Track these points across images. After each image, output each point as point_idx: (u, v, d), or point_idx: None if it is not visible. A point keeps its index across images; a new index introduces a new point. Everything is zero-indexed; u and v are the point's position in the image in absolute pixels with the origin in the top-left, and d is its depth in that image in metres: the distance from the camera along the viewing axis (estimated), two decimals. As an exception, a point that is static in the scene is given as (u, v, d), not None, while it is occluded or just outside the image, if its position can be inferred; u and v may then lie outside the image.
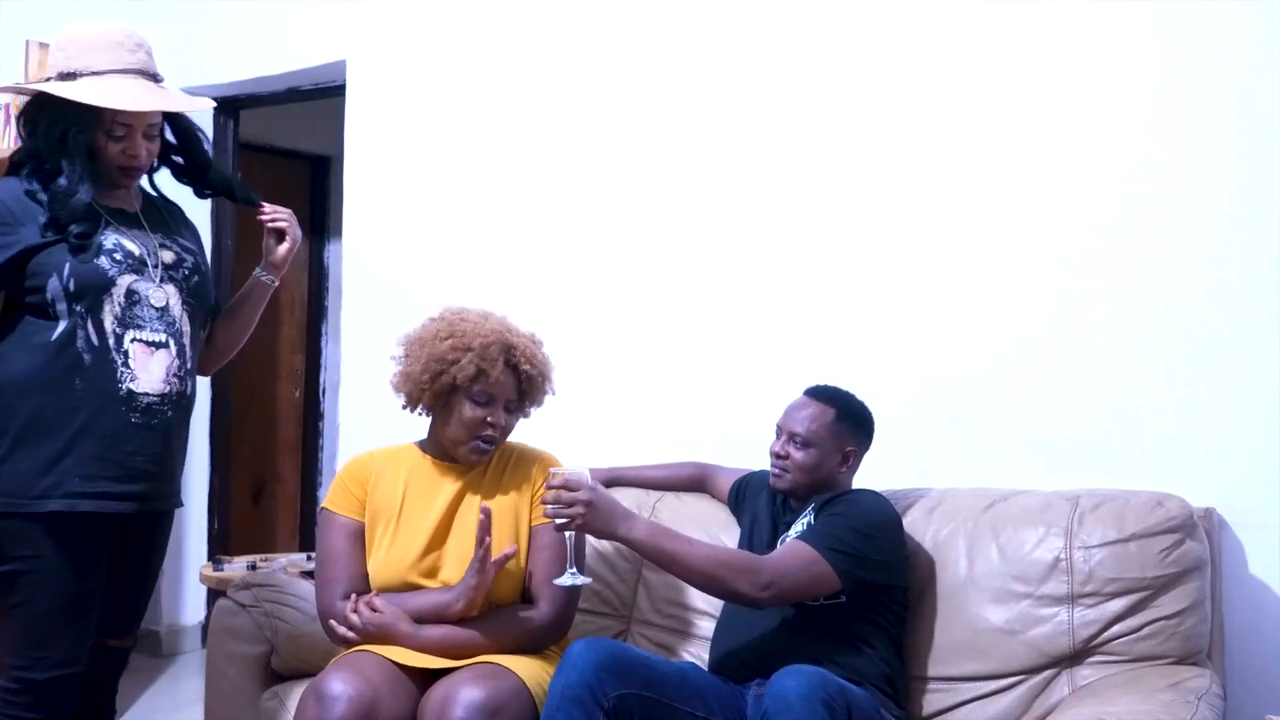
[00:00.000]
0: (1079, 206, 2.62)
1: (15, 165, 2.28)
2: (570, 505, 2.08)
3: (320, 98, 4.25)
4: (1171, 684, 2.03)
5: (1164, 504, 2.24)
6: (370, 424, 3.72)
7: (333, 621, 2.26)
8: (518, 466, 2.39)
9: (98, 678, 2.38)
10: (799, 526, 2.35)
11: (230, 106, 4.49)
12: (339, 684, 2.04)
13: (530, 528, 2.34)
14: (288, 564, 3.47)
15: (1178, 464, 2.46)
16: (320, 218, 5.77)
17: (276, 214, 2.49)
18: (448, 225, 3.63)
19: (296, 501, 5.80)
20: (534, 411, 2.41)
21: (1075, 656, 2.22)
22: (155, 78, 2.29)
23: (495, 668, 2.11)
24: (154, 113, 2.27)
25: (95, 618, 2.26)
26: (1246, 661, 2.38)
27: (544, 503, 2.11)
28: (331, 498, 2.39)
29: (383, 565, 2.30)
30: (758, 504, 2.54)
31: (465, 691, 2.02)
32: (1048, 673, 2.24)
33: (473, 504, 2.33)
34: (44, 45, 3.47)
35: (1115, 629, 2.19)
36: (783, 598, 2.16)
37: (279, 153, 5.52)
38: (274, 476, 5.71)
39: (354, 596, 2.26)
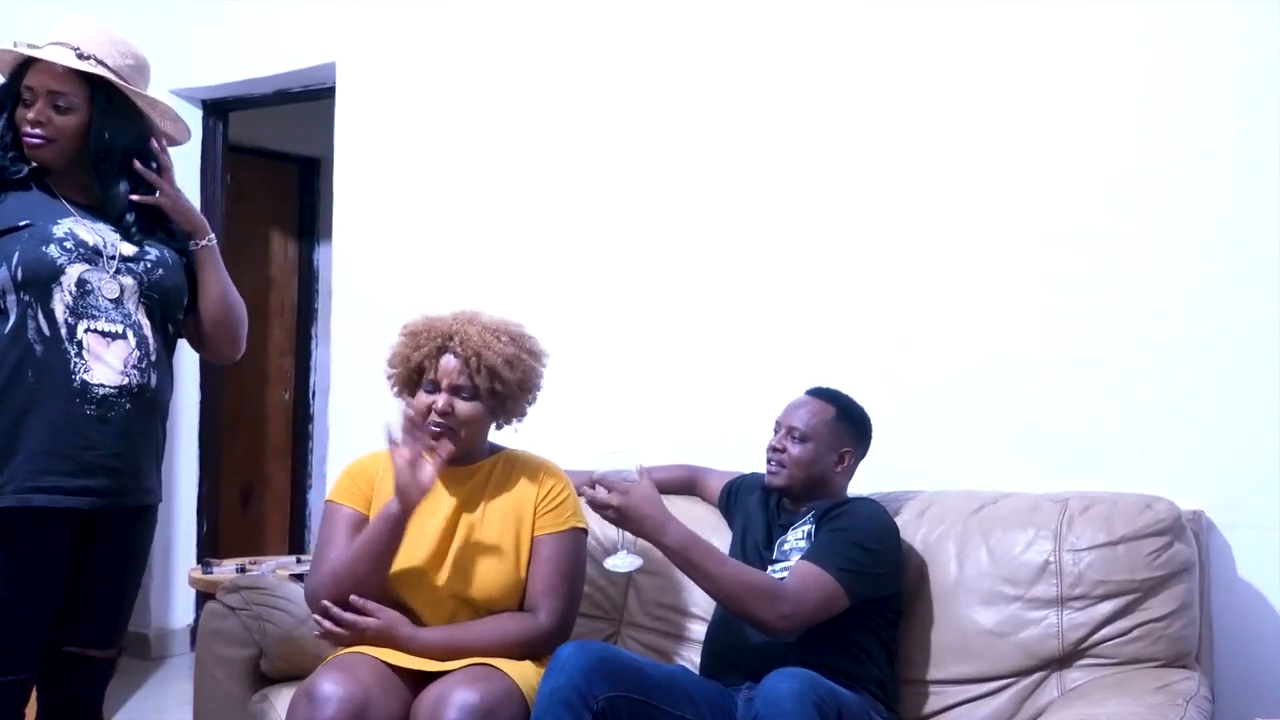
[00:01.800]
0: (1070, 209, 2.63)
1: None
2: (604, 506, 2.11)
3: (310, 100, 4.25)
4: (1160, 686, 2.03)
5: (1152, 506, 2.25)
6: (360, 427, 3.70)
7: (315, 617, 2.23)
8: (521, 476, 2.38)
9: (79, 690, 2.29)
10: (797, 535, 2.34)
11: (219, 108, 4.49)
12: (330, 685, 2.03)
13: (532, 538, 2.33)
14: (277, 567, 3.46)
15: (1166, 466, 2.47)
16: (310, 220, 5.75)
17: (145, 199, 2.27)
18: (438, 227, 3.63)
19: (286, 504, 5.78)
20: (515, 404, 2.36)
21: (1064, 659, 2.23)
22: (80, 54, 2.18)
23: (488, 670, 2.11)
24: (61, 82, 2.16)
25: (48, 623, 2.18)
26: (1235, 664, 2.38)
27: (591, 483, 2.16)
28: (337, 490, 2.38)
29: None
30: (749, 506, 2.54)
31: (458, 694, 2.01)
32: (1037, 675, 2.24)
33: (475, 513, 2.33)
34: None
35: (1104, 631, 2.20)
36: (800, 626, 2.15)
37: (268, 155, 5.51)
38: (263, 479, 5.69)
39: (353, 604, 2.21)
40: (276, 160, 5.61)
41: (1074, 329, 2.61)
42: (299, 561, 3.59)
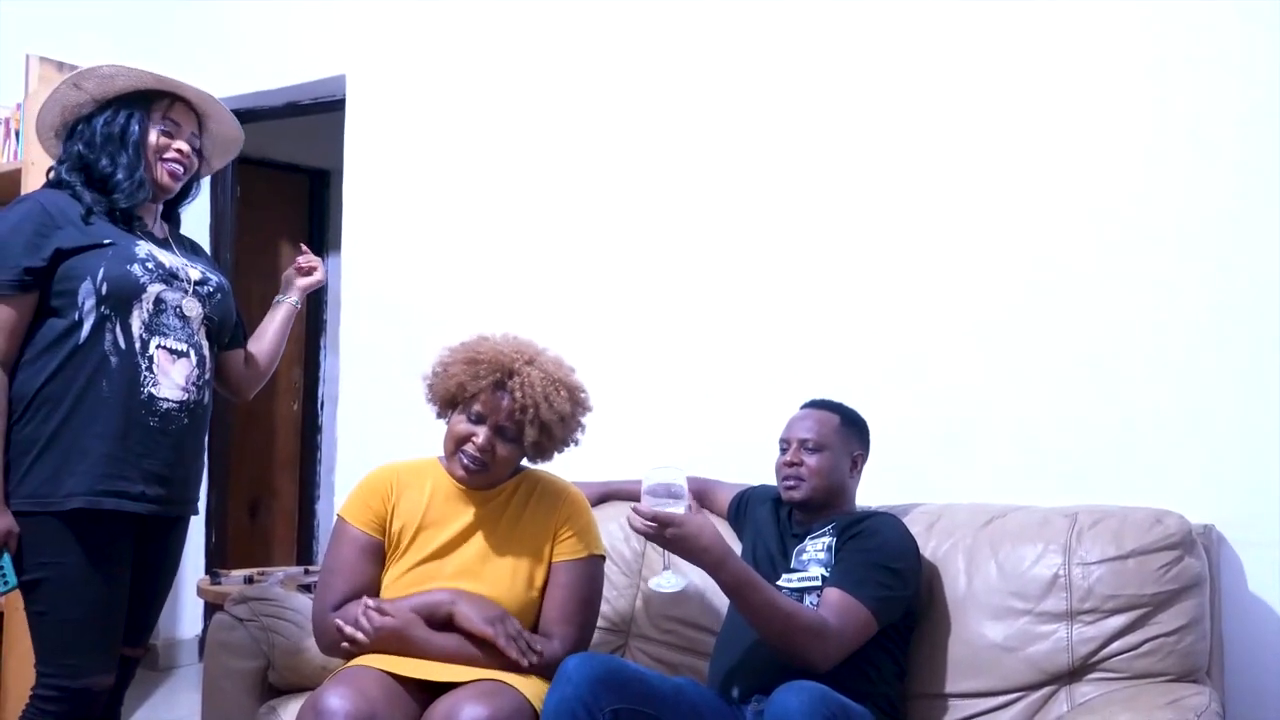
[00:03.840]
0: (1076, 224, 2.63)
1: (57, 184, 2.33)
2: (655, 539, 2.07)
3: (320, 112, 4.26)
4: (1170, 701, 2.02)
5: (1162, 520, 2.24)
6: (369, 437, 3.72)
7: (337, 623, 2.22)
8: (541, 500, 2.36)
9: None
10: (816, 546, 2.33)
11: (230, 120, 4.50)
12: (336, 699, 2.01)
13: (550, 564, 2.31)
14: (285, 578, 3.46)
15: (1176, 480, 2.46)
16: (319, 232, 5.77)
17: (313, 262, 2.73)
18: (447, 239, 3.63)
19: (294, 515, 5.79)
20: (551, 454, 2.33)
21: (1074, 673, 2.22)
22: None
23: (499, 685, 2.09)
24: (194, 123, 2.43)
25: (122, 625, 2.27)
26: (1246, 678, 2.37)
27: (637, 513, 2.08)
28: (349, 507, 2.36)
29: (395, 581, 2.29)
30: (759, 517, 2.53)
31: (469, 708, 2.00)
32: (1046, 690, 2.23)
33: (493, 533, 2.31)
34: (45, 59, 3.47)
35: (1114, 646, 2.19)
36: (839, 660, 2.13)
37: (278, 166, 5.54)
38: (271, 490, 5.70)
39: (364, 604, 2.21)
40: (286, 172, 5.63)
41: (1084, 342, 2.61)
42: (307, 573, 3.59)
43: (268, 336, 2.65)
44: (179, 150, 2.37)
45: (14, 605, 3.25)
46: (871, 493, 2.50)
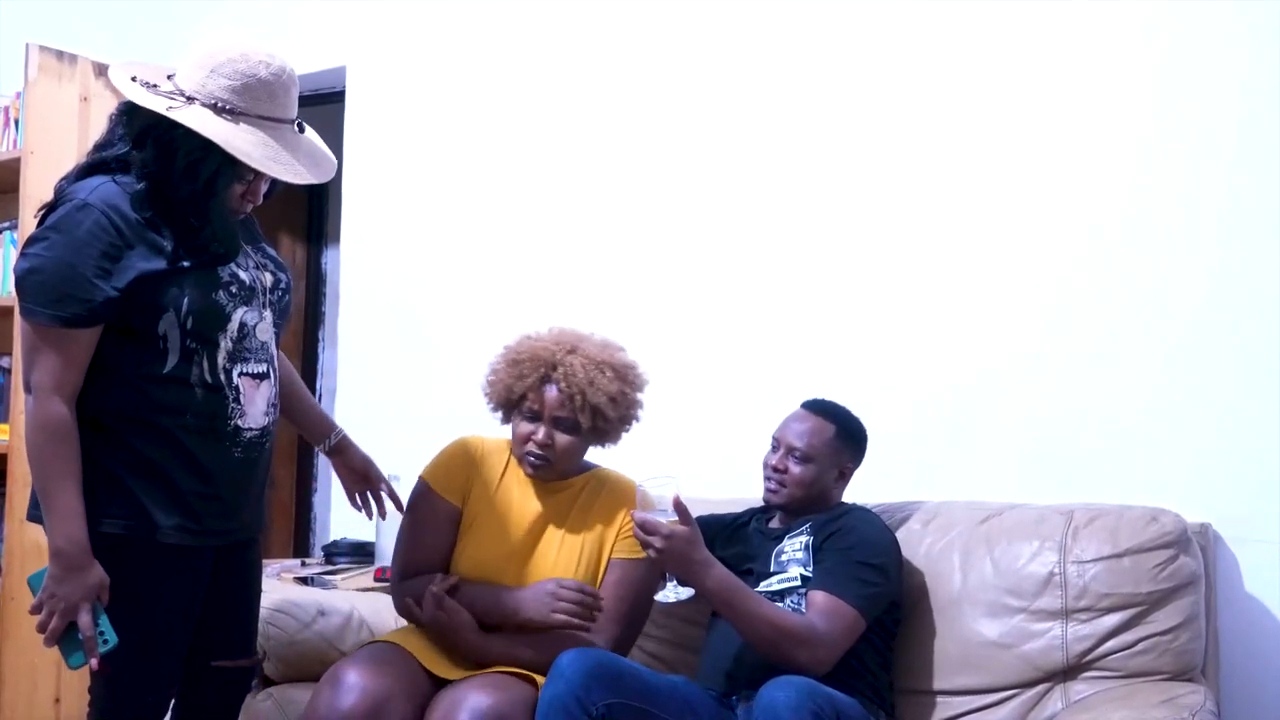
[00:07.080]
0: (1073, 222, 2.63)
1: (100, 165, 2.03)
2: (645, 546, 2.10)
3: (320, 104, 4.25)
4: (1165, 700, 2.03)
5: (1158, 519, 2.24)
6: (367, 431, 3.70)
7: (406, 601, 2.29)
8: (608, 497, 2.37)
9: (225, 697, 2.26)
10: (794, 545, 2.34)
11: (230, 112, 4.48)
12: (355, 675, 2.08)
13: (609, 559, 2.33)
14: (281, 571, 3.46)
15: (1172, 479, 2.46)
16: (319, 224, 5.75)
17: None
18: (447, 232, 3.63)
19: (291, 508, 5.78)
20: (614, 435, 2.35)
21: (1069, 671, 2.22)
22: (300, 126, 2.17)
23: (506, 677, 2.12)
24: None
25: (188, 645, 2.14)
26: (1241, 677, 2.38)
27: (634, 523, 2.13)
28: (434, 472, 2.40)
29: (462, 558, 2.33)
30: (728, 544, 2.49)
31: (472, 698, 2.03)
32: (1041, 687, 2.24)
33: (559, 527, 2.34)
34: (44, 48, 3.46)
35: (1109, 644, 2.20)
36: (831, 664, 2.14)
37: (278, 158, 5.50)
38: (268, 482, 5.69)
39: (431, 591, 2.23)
40: (286, 164, 5.60)
41: (1080, 341, 2.61)
42: (304, 565, 3.59)
43: (303, 398, 2.52)
44: (252, 198, 2.14)
45: (12, 598, 3.25)
46: (869, 490, 2.50)
